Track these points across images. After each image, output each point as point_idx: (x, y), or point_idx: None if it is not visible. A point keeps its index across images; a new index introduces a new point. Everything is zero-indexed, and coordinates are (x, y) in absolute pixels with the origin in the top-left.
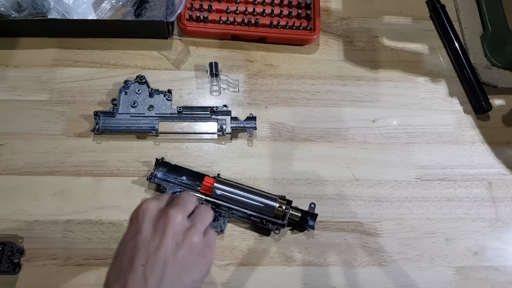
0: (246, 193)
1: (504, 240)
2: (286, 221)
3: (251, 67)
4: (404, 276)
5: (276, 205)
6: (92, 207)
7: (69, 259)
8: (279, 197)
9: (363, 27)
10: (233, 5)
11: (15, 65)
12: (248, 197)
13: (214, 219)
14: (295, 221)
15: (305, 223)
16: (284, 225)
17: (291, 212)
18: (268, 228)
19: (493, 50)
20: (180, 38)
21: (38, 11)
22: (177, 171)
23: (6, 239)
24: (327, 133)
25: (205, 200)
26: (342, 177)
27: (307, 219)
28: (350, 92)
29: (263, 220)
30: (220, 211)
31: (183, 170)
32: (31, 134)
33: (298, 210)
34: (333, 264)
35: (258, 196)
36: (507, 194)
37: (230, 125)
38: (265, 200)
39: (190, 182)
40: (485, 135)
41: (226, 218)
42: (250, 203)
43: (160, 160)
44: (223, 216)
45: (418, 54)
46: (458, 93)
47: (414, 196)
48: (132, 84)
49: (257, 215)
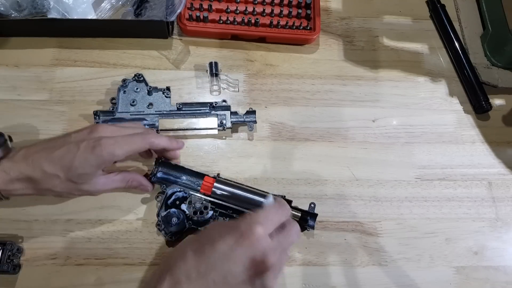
0: (246, 193)
1: (504, 240)
2: None
3: (251, 67)
4: (404, 276)
5: None
6: (92, 207)
7: (69, 259)
8: (279, 196)
9: (363, 27)
10: (233, 4)
11: (15, 65)
12: (248, 197)
13: (214, 218)
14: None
15: (305, 223)
16: None
17: (291, 212)
18: None
19: (493, 50)
20: (180, 38)
21: (38, 10)
22: (177, 170)
23: (6, 239)
24: (327, 133)
25: (205, 200)
26: (342, 177)
27: (307, 219)
28: (350, 92)
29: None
30: (220, 211)
31: (183, 170)
32: (31, 134)
33: (298, 210)
34: (333, 264)
35: (258, 196)
36: (507, 194)
37: (230, 120)
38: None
39: (190, 182)
40: (485, 135)
41: (226, 218)
42: (250, 203)
43: (160, 159)
44: (223, 216)
45: (418, 54)
46: (458, 93)
47: (414, 196)
48: (130, 82)
49: None
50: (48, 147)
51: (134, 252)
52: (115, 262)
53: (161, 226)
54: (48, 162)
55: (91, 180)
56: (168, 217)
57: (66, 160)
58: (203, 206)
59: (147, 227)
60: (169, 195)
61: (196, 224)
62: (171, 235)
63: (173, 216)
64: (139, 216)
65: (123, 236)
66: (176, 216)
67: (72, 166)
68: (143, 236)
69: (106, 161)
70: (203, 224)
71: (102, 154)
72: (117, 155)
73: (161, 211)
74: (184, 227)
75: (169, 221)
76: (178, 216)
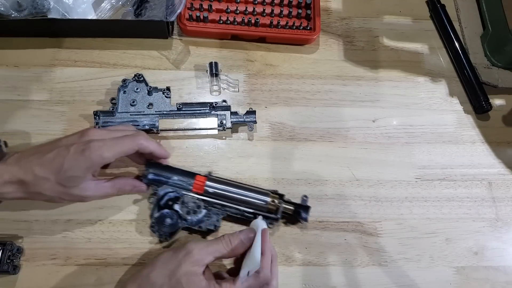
0: (238, 189)
1: (504, 240)
2: (279, 215)
3: (251, 67)
4: (404, 276)
5: (269, 200)
6: (92, 207)
7: (69, 259)
8: (271, 191)
9: (363, 27)
10: (233, 5)
11: (15, 65)
12: (241, 193)
13: (208, 216)
14: (288, 214)
15: (298, 216)
16: (278, 219)
17: (283, 206)
18: None
19: (493, 50)
20: (180, 38)
21: (38, 11)
22: (168, 171)
23: (6, 239)
24: (327, 133)
25: (198, 199)
26: (342, 177)
27: (300, 212)
28: (350, 92)
29: (257, 215)
30: (213, 209)
31: (174, 170)
32: (31, 134)
33: (291, 203)
34: (333, 264)
35: (250, 191)
36: (507, 194)
37: (230, 120)
38: (257, 195)
39: (182, 182)
40: (485, 135)
41: (219, 215)
42: (242, 199)
43: (150, 160)
44: (216, 214)
45: (418, 54)
46: (458, 93)
47: (414, 196)
48: (130, 82)
49: (250, 211)
50: (39, 151)
51: (134, 252)
52: (115, 262)
53: (155, 228)
54: (39, 166)
55: (81, 184)
56: (162, 218)
57: (56, 163)
58: (196, 205)
59: (147, 227)
60: (161, 196)
61: (190, 224)
62: (166, 236)
63: (166, 217)
64: (139, 217)
65: (123, 236)
66: (170, 216)
67: (62, 168)
68: (143, 236)
69: (95, 164)
70: (197, 224)
71: (91, 156)
72: (106, 157)
73: (154, 212)
74: (178, 227)
75: (162, 222)
76: (171, 217)
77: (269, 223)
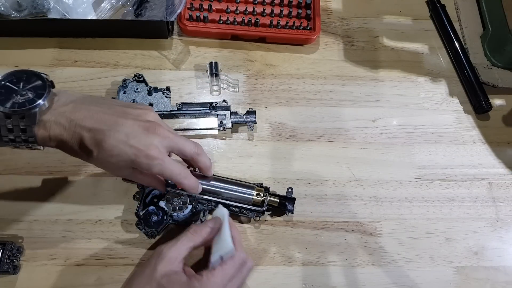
0: (224, 183)
1: (504, 240)
2: (265, 207)
3: (251, 67)
4: (404, 276)
5: (254, 193)
6: (92, 207)
7: (69, 259)
8: (256, 184)
9: (363, 27)
10: (233, 5)
11: (15, 65)
12: (226, 187)
13: (194, 213)
14: (274, 207)
15: (284, 208)
16: (264, 212)
17: (269, 199)
18: (248, 216)
19: (493, 50)
20: (180, 38)
21: (38, 11)
22: None
23: (6, 239)
24: (327, 133)
25: (183, 195)
26: (342, 177)
27: (285, 204)
28: (350, 92)
29: (243, 209)
30: (199, 204)
31: None
32: None
33: (276, 196)
34: (333, 264)
35: (235, 185)
36: (507, 194)
37: (230, 120)
38: (242, 189)
39: None
40: (485, 135)
41: (206, 210)
42: (228, 194)
43: None
44: (202, 209)
45: (418, 54)
46: (458, 93)
47: (414, 196)
48: (130, 82)
49: (236, 205)
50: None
51: (134, 252)
52: (115, 262)
53: (141, 225)
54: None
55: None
56: (147, 215)
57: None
58: (181, 202)
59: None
60: (146, 193)
61: (176, 220)
62: (152, 233)
63: (152, 214)
64: None
65: (123, 236)
66: (155, 213)
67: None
68: (143, 236)
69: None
70: (183, 220)
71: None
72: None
73: (139, 210)
74: (164, 224)
75: (148, 220)
76: (157, 214)
77: (255, 216)
